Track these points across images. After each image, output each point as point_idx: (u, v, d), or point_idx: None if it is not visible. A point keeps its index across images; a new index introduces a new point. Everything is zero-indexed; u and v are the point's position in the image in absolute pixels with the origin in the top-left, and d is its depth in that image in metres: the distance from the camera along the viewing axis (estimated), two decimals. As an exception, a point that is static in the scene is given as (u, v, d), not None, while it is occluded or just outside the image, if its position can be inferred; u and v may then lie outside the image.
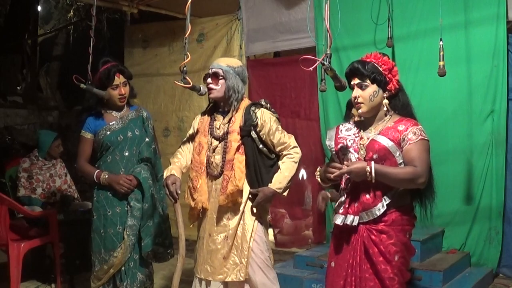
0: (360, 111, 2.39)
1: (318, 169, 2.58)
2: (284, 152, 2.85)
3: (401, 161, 2.32)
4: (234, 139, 2.78)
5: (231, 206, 2.78)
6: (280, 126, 2.87)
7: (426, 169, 2.27)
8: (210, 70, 2.83)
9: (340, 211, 2.39)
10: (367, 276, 2.30)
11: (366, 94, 2.35)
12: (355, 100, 2.37)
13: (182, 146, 2.99)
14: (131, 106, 3.40)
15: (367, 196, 2.32)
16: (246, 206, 2.82)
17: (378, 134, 2.35)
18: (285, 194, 2.86)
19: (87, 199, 4.87)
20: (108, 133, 3.23)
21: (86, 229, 3.45)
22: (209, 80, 2.81)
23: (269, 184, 2.80)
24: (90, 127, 3.27)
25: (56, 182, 4.68)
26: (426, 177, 2.28)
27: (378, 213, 2.30)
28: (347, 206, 2.37)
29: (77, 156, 3.30)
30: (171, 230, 3.40)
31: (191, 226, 2.99)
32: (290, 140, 2.86)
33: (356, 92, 2.36)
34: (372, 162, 2.25)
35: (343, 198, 2.41)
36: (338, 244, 2.44)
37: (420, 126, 2.34)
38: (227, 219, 2.81)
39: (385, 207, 2.30)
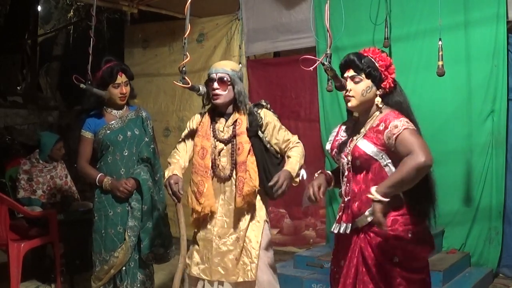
0: (349, 104, 2.30)
1: (318, 172, 2.49)
2: (290, 145, 2.83)
3: (386, 162, 2.22)
4: (245, 141, 2.76)
5: (245, 207, 2.76)
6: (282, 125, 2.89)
7: (423, 149, 2.06)
8: (215, 74, 2.77)
9: (337, 218, 2.36)
10: (365, 279, 2.25)
11: (359, 88, 2.25)
12: (346, 93, 2.28)
13: (178, 147, 2.94)
14: (131, 106, 3.41)
15: (356, 203, 2.26)
16: (257, 207, 2.82)
17: (363, 137, 2.27)
18: (297, 180, 2.78)
19: (87, 199, 4.87)
20: (108, 132, 3.24)
21: (86, 229, 3.45)
22: (215, 85, 2.75)
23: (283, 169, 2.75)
24: (90, 127, 3.27)
25: (57, 184, 4.67)
26: (429, 155, 2.05)
27: (369, 219, 2.21)
28: (341, 213, 2.33)
29: (78, 156, 3.31)
30: (170, 230, 3.40)
31: (195, 230, 2.94)
32: (294, 136, 2.87)
33: (349, 85, 2.27)
34: (373, 189, 2.10)
35: (342, 204, 2.37)
36: (339, 248, 2.41)
37: (402, 118, 2.18)
38: (238, 220, 2.79)
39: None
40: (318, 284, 3.81)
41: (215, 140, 2.83)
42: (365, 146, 2.24)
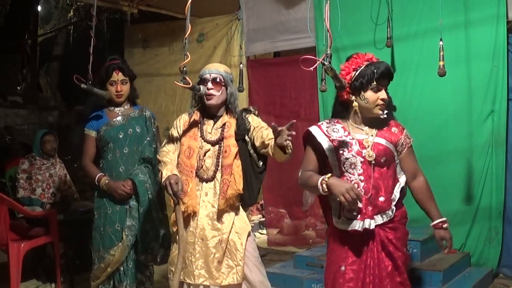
0: (383, 112, 2.37)
1: (328, 177, 2.30)
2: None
3: (397, 161, 2.43)
4: (233, 144, 2.76)
5: (228, 209, 2.76)
6: None
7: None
8: (209, 75, 2.77)
9: (358, 217, 2.32)
10: (383, 275, 2.33)
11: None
12: (384, 102, 2.34)
13: (167, 146, 2.90)
14: (135, 106, 3.42)
15: (382, 199, 2.34)
16: (240, 209, 2.81)
17: (376, 136, 2.37)
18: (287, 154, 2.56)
19: (86, 199, 4.88)
20: (109, 128, 3.26)
21: (86, 229, 3.45)
22: (210, 85, 2.76)
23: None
24: (93, 125, 3.30)
25: (56, 182, 4.68)
26: None
27: (392, 214, 2.37)
28: (364, 211, 2.32)
29: (82, 154, 3.32)
30: (170, 230, 3.39)
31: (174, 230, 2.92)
32: None
33: (384, 94, 2.34)
34: (443, 219, 2.51)
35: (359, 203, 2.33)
36: (349, 248, 2.38)
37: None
38: (221, 223, 2.77)
39: (394, 208, 2.39)
40: (318, 284, 3.81)
41: (202, 140, 2.81)
42: (385, 142, 2.37)
